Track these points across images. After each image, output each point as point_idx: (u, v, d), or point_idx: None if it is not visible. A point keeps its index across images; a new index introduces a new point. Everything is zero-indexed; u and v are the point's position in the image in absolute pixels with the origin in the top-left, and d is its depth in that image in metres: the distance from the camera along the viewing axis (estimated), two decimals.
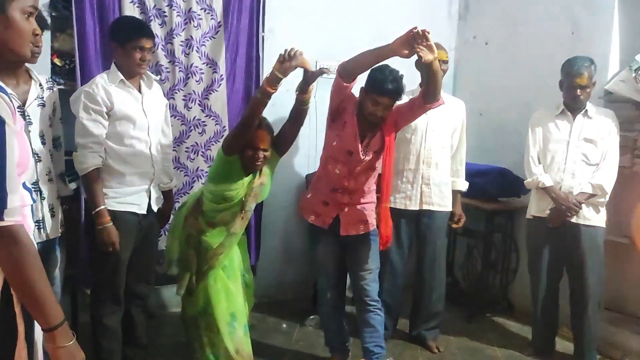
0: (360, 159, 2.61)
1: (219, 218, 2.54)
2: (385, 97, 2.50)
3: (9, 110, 1.16)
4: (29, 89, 2.22)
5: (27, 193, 1.31)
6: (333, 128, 2.68)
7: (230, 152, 2.44)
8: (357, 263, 2.76)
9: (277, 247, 3.84)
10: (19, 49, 1.27)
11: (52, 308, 1.20)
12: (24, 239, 1.17)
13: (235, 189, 2.49)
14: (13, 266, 1.17)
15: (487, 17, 4.12)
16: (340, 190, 2.68)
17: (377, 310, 2.77)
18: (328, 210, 2.71)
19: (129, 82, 2.46)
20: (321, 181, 2.74)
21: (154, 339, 3.00)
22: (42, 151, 2.25)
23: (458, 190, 3.30)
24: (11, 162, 1.14)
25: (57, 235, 2.35)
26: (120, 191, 2.45)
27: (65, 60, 3.14)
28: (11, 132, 1.15)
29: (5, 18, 1.21)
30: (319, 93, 3.76)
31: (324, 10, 3.80)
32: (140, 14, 3.15)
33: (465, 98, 4.22)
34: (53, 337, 1.21)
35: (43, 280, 1.19)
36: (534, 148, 3.09)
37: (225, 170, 2.48)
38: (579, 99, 2.91)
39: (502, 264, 3.87)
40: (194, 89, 3.37)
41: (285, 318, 3.58)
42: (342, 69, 2.49)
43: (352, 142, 2.60)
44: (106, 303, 2.50)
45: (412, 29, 2.19)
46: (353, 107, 2.62)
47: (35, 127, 2.23)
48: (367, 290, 2.75)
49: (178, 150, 3.38)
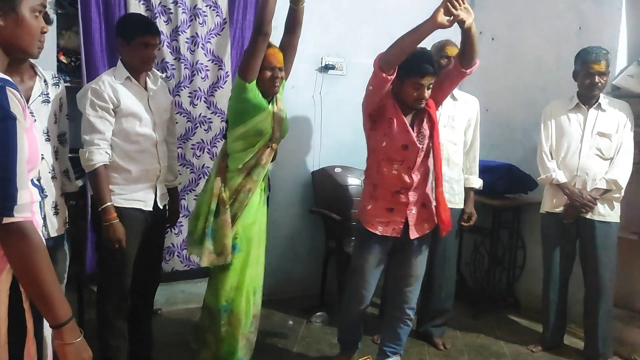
0: (418, 149, 2.52)
1: (254, 159, 2.49)
2: (426, 77, 2.42)
3: (20, 106, 1.17)
4: (33, 85, 2.22)
5: (36, 190, 1.31)
6: (377, 130, 2.55)
7: (252, 76, 2.38)
8: (404, 268, 2.66)
9: (284, 244, 3.84)
10: (28, 46, 1.28)
11: (60, 304, 1.21)
12: (33, 235, 1.18)
13: (266, 117, 2.46)
14: (22, 262, 1.17)
15: (493, 13, 4.09)
16: (403, 191, 2.56)
17: (409, 320, 2.72)
18: (395, 216, 2.58)
19: (135, 79, 2.46)
20: (379, 188, 2.60)
21: (159, 336, 3.00)
22: (46, 149, 2.24)
23: (471, 188, 3.24)
24: (21, 159, 1.16)
25: (61, 233, 2.35)
26: (126, 188, 2.44)
27: (71, 57, 3.15)
28: (22, 129, 1.16)
29: (16, 16, 1.23)
30: (324, 88, 3.80)
31: (330, 7, 3.78)
32: (145, 11, 3.15)
33: (472, 93, 4.22)
34: (61, 333, 1.22)
35: (52, 276, 1.19)
36: (547, 143, 3.05)
37: (251, 100, 2.42)
38: (596, 86, 2.86)
39: (509, 261, 3.84)
40: (199, 86, 3.37)
41: (291, 315, 3.57)
42: (384, 61, 2.34)
43: (405, 135, 2.50)
44: (113, 300, 2.50)
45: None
46: (392, 102, 2.50)
47: (39, 124, 2.22)
48: (410, 297, 2.67)
49: (184, 147, 3.38)
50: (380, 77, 2.37)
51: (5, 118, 1.13)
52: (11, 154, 1.14)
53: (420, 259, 2.69)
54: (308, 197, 3.81)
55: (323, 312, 3.50)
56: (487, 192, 3.64)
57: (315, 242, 3.81)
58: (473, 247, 4.05)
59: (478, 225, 3.81)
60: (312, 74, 3.79)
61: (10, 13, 1.23)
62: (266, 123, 2.47)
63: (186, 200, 3.41)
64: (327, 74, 3.83)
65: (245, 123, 2.45)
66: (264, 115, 2.45)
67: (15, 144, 1.14)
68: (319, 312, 3.51)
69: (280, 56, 2.48)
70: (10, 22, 1.23)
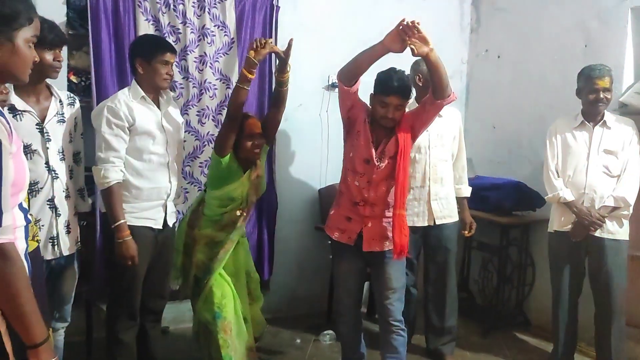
0: (375, 166, 2.56)
1: (226, 218, 2.66)
2: (391, 97, 2.46)
3: (5, 131, 1.22)
4: (49, 105, 2.26)
5: (21, 214, 1.35)
6: (348, 140, 2.68)
7: (225, 152, 2.58)
8: (381, 282, 2.69)
9: (291, 261, 3.83)
10: (20, 74, 1.35)
11: (37, 325, 1.25)
12: (15, 257, 1.22)
13: (239, 186, 2.64)
14: (3, 283, 1.21)
15: (499, 30, 4.12)
16: (361, 203, 2.62)
17: (400, 331, 2.71)
18: (352, 226, 2.65)
19: (149, 98, 2.50)
20: (343, 196, 2.70)
21: (168, 354, 3.00)
22: (60, 168, 2.27)
23: (464, 197, 3.28)
24: (6, 182, 1.20)
25: (72, 252, 2.37)
26: (137, 206, 2.47)
27: (81, 77, 3.19)
28: (7, 153, 1.21)
29: (12, 45, 1.30)
30: (330, 106, 3.82)
31: (335, 25, 3.83)
32: (155, 31, 3.19)
33: (479, 111, 4.27)
34: (37, 353, 1.26)
35: (30, 298, 1.24)
36: (553, 161, 3.04)
37: (225, 171, 2.60)
38: (601, 101, 2.86)
39: (517, 278, 3.82)
40: (207, 105, 3.40)
41: (299, 333, 3.56)
42: (340, 73, 2.51)
43: (367, 150, 2.57)
44: (122, 318, 2.51)
45: (401, 22, 2.19)
46: (364, 115, 2.60)
47: (55, 144, 2.26)
48: (391, 310, 2.68)
49: (192, 165, 3.40)
50: (341, 88, 2.54)
51: None
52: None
53: (395, 272, 2.67)
54: (314, 214, 3.82)
55: (331, 330, 3.47)
56: (495, 209, 3.64)
57: (322, 259, 3.79)
58: (481, 264, 4.03)
59: (486, 243, 3.82)
60: (319, 92, 3.82)
61: (6, 43, 1.29)
62: (238, 191, 2.65)
63: None
64: (333, 91, 3.84)
65: (220, 189, 2.64)
66: (237, 184, 2.64)
67: (0, 169, 1.19)
68: (326, 330, 3.49)
69: (258, 124, 2.68)
70: (6, 51, 1.29)
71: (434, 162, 3.10)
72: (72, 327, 2.61)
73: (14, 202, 1.27)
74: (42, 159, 2.22)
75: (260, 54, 2.50)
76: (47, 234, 2.25)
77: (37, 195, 2.20)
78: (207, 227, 2.67)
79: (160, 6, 3.20)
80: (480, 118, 4.24)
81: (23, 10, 1.31)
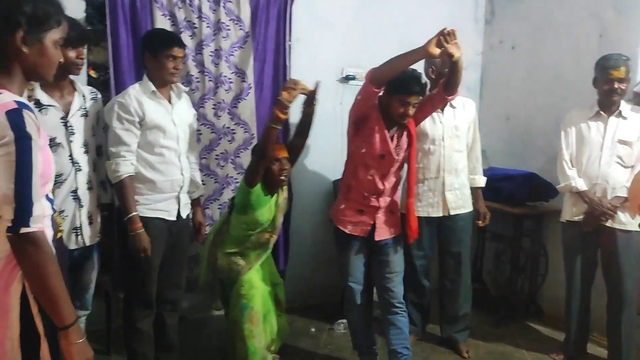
0: (394, 159, 2.71)
1: (254, 240, 2.75)
2: (413, 96, 2.61)
3: (34, 126, 1.29)
4: (72, 100, 2.34)
5: (48, 204, 1.42)
6: (359, 136, 2.74)
7: (254, 184, 2.64)
8: (383, 266, 2.82)
9: (306, 252, 3.89)
10: (45, 73, 1.42)
11: (66, 308, 1.32)
12: (45, 244, 1.30)
13: (267, 212, 2.72)
14: (35, 268, 1.29)
15: (514, 22, 4.11)
16: (374, 195, 2.74)
17: (403, 312, 2.84)
18: (364, 218, 2.77)
19: (160, 93, 2.54)
20: (353, 190, 2.79)
21: (185, 342, 3.07)
22: (84, 160, 2.35)
23: (478, 187, 3.30)
24: (36, 174, 1.28)
25: (93, 242, 2.45)
26: (150, 198, 2.52)
27: (100, 72, 3.27)
28: (36, 147, 1.28)
29: (41, 46, 1.36)
30: (344, 99, 3.85)
31: (350, 18, 3.85)
32: (171, 26, 3.25)
33: (493, 102, 4.27)
34: (67, 334, 1.33)
35: (60, 282, 1.31)
36: (567, 151, 3.06)
37: (253, 200, 2.67)
38: (615, 92, 2.86)
39: (531, 269, 3.84)
40: (223, 98, 3.45)
41: (313, 322, 3.62)
42: (374, 76, 2.54)
43: (384, 145, 2.68)
44: (138, 307, 2.58)
45: (443, 30, 2.34)
46: (377, 113, 2.68)
47: (78, 137, 2.34)
48: (394, 292, 2.81)
49: (208, 157, 3.46)
50: (370, 90, 2.56)
51: (21, 137, 1.25)
52: (27, 170, 1.26)
53: (396, 257, 2.84)
54: (329, 205, 3.85)
55: (345, 320, 3.52)
56: (508, 200, 3.66)
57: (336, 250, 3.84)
58: (494, 255, 4.05)
59: (499, 233, 3.84)
60: (333, 84, 3.85)
61: (36, 43, 1.35)
62: (266, 216, 2.73)
63: (210, 209, 3.48)
64: (347, 84, 3.88)
65: (247, 215, 2.70)
66: (264, 210, 2.71)
67: (31, 161, 1.27)
68: (340, 319, 3.55)
69: (284, 148, 2.75)
70: (35, 51, 1.36)
71: (448, 153, 3.12)
72: (92, 317, 2.71)
73: (42, 193, 1.33)
74: (66, 151, 2.30)
75: (292, 96, 2.55)
76: (71, 225, 2.33)
77: (61, 187, 2.28)
78: (233, 246, 2.76)
79: (176, 1, 3.25)
80: (494, 109, 4.25)
81: (53, 13, 1.37)
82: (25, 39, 1.33)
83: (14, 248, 1.28)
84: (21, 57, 1.34)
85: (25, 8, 1.32)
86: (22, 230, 1.26)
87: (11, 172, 1.24)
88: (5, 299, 1.31)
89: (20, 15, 1.31)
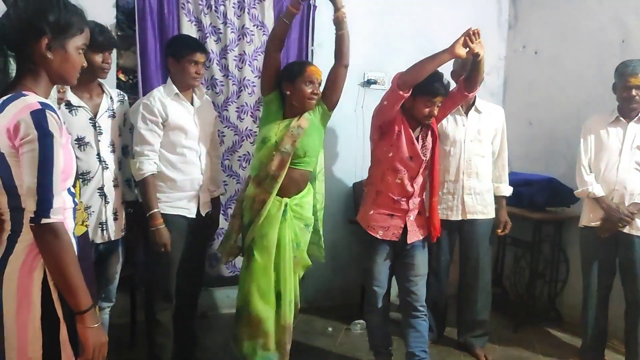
0: (422, 160, 2.72)
1: (264, 170, 2.60)
2: (437, 97, 2.64)
3: (56, 126, 1.40)
4: (100, 102, 2.47)
5: (70, 197, 1.52)
6: (385, 140, 2.75)
7: (264, 89, 2.65)
8: (409, 269, 2.82)
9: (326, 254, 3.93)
10: (69, 77, 1.52)
11: (83, 294, 1.43)
12: (64, 235, 1.41)
13: (275, 127, 2.64)
14: (55, 257, 1.40)
15: (537, 27, 4.11)
16: (404, 199, 2.75)
17: (424, 316, 2.84)
18: (395, 222, 2.76)
19: (182, 95, 2.65)
20: (382, 195, 2.78)
21: (204, 337, 3.17)
22: (110, 159, 2.48)
23: (502, 196, 3.28)
24: (57, 170, 1.39)
25: (118, 237, 2.56)
26: (171, 196, 2.62)
27: (129, 75, 3.40)
28: (58, 145, 1.39)
29: (64, 52, 1.47)
30: (365, 103, 3.91)
31: (372, 23, 3.91)
32: (197, 31, 3.37)
33: (515, 107, 4.27)
34: (83, 319, 1.44)
35: (77, 270, 1.42)
36: (586, 157, 3.05)
37: (265, 112, 2.70)
38: (634, 99, 2.86)
39: (550, 274, 3.82)
40: (246, 101, 3.55)
41: (331, 322, 3.68)
42: (403, 81, 2.56)
43: (411, 147, 2.70)
44: (158, 300, 2.68)
45: (468, 30, 2.41)
46: (401, 116, 2.70)
47: (106, 137, 2.47)
48: (418, 295, 2.82)
49: (231, 159, 3.56)
50: (397, 94, 2.57)
51: (45, 135, 1.37)
52: (49, 166, 1.37)
53: (422, 260, 2.84)
54: (348, 208, 3.93)
55: (362, 320, 3.57)
56: (528, 205, 3.66)
57: (355, 252, 3.88)
58: (513, 259, 4.04)
59: (519, 238, 3.83)
60: (355, 88, 3.91)
61: (59, 50, 1.46)
62: (272, 132, 2.63)
63: (232, 209, 3.56)
64: (369, 88, 3.94)
65: (259, 131, 2.71)
66: (273, 124, 2.65)
67: (52, 157, 1.38)
68: (357, 320, 3.60)
69: (320, 72, 2.66)
70: (59, 57, 1.46)
71: (468, 156, 3.14)
72: (117, 310, 2.81)
73: (63, 187, 1.44)
74: (94, 150, 2.42)
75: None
76: (97, 220, 2.45)
77: (89, 184, 2.40)
78: (251, 189, 2.67)
79: (202, 7, 3.37)
80: (516, 114, 4.23)
81: (76, 21, 1.48)
82: (49, 46, 1.44)
83: (36, 237, 1.40)
84: (46, 62, 1.45)
85: (50, 17, 1.42)
86: (43, 220, 1.37)
87: (34, 167, 1.36)
88: (29, 284, 1.42)
89: (45, 23, 1.42)
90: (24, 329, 1.42)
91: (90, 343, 1.44)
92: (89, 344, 1.44)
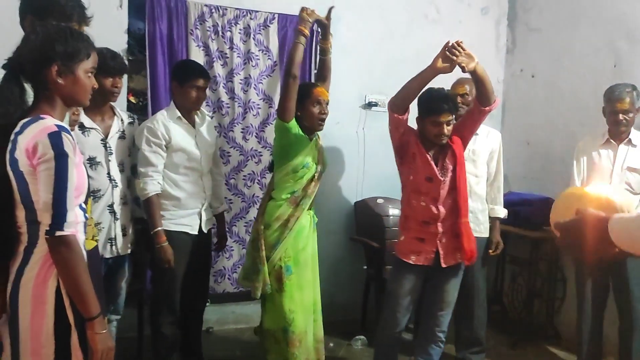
0: (440, 181, 2.66)
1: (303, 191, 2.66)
2: (443, 115, 2.60)
3: (71, 146, 1.54)
4: (112, 123, 2.62)
5: (82, 212, 1.64)
6: (404, 164, 2.76)
7: (289, 115, 2.59)
8: (438, 294, 2.80)
9: (327, 271, 3.98)
10: (81, 99, 1.67)
11: (93, 301, 1.55)
12: (76, 247, 1.54)
13: (310, 151, 2.68)
14: (67, 267, 1.53)
15: (534, 51, 4.24)
16: (431, 222, 2.70)
17: (441, 342, 2.86)
18: (426, 246, 2.71)
19: (185, 118, 2.78)
20: (410, 219, 2.75)
21: (210, 352, 3.25)
22: (119, 178, 2.61)
23: (496, 218, 3.34)
24: (71, 187, 1.53)
25: (126, 253, 2.68)
26: (175, 213, 2.75)
27: (139, 98, 3.56)
28: (72, 164, 1.53)
29: (74, 77, 1.62)
30: (367, 124, 4.03)
31: (373, 47, 4.04)
32: (205, 56, 3.52)
33: (513, 128, 4.38)
34: (92, 325, 1.55)
35: (87, 279, 1.55)
36: (579, 178, 3.15)
37: (292, 137, 2.62)
38: (621, 123, 2.96)
39: (548, 292, 3.88)
40: (251, 122, 3.69)
41: (332, 337, 3.72)
42: (392, 104, 2.62)
43: (428, 168, 2.67)
44: (163, 313, 2.78)
45: (447, 43, 2.39)
46: (415, 138, 2.70)
47: (116, 157, 2.61)
48: (442, 321, 2.83)
49: (236, 178, 3.68)
50: (393, 117, 2.63)
51: (60, 155, 1.50)
52: (63, 183, 1.51)
53: (453, 286, 2.82)
54: (350, 226, 4.02)
55: (362, 336, 3.65)
56: (525, 223, 3.73)
57: (357, 269, 3.98)
58: (511, 277, 4.11)
59: (517, 256, 3.90)
60: (356, 110, 4.04)
61: (69, 75, 1.60)
62: (310, 157, 2.69)
63: (237, 227, 3.69)
64: (370, 110, 4.07)
65: (291, 159, 2.65)
66: (307, 149, 2.67)
67: (67, 175, 1.52)
68: (358, 335, 3.67)
69: (326, 93, 2.75)
70: (69, 81, 1.61)
71: None
72: (125, 324, 2.91)
73: (76, 203, 1.57)
74: (105, 169, 2.56)
75: (310, 15, 2.63)
76: (107, 235, 2.57)
77: (99, 201, 2.53)
78: (285, 209, 2.65)
79: (210, 33, 3.52)
80: (515, 135, 4.35)
81: (82, 47, 1.62)
82: (59, 72, 1.58)
83: (50, 248, 1.52)
84: (58, 87, 1.59)
85: (58, 46, 1.57)
86: (57, 233, 1.50)
87: (51, 184, 1.49)
88: (43, 293, 1.54)
89: (54, 52, 1.56)
90: (38, 334, 1.54)
91: (98, 347, 1.55)
92: (97, 348, 1.55)
